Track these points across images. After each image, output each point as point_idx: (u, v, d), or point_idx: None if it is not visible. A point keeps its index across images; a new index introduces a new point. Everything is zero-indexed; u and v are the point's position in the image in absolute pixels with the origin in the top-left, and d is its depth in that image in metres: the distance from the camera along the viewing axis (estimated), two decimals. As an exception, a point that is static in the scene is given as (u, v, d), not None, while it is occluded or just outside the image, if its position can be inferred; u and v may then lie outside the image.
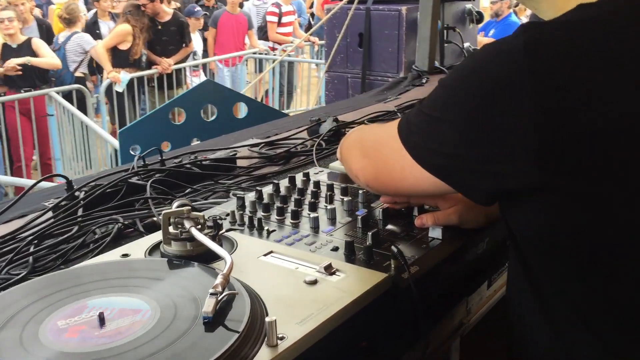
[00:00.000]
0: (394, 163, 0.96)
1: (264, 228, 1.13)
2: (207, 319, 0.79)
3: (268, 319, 0.77)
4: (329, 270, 0.95)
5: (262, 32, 8.76)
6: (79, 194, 1.49)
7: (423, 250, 1.05)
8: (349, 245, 1.02)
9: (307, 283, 0.92)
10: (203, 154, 1.81)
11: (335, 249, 1.05)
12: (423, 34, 3.31)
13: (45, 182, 2.65)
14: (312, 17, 10.56)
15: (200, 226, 1.01)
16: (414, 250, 1.04)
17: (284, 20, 8.48)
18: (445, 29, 3.76)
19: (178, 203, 1.07)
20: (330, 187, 1.30)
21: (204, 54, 7.98)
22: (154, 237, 1.09)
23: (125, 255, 1.02)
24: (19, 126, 5.84)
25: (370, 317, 0.91)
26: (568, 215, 0.78)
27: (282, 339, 0.78)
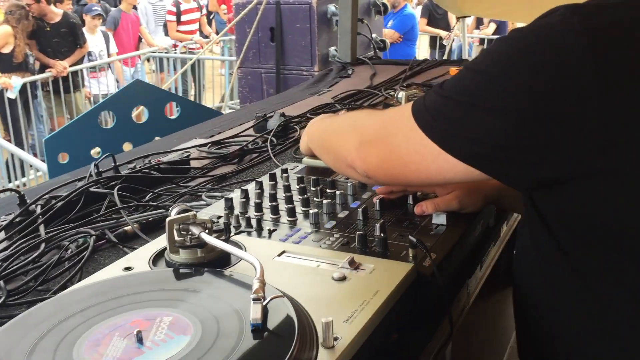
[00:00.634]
0: (411, 152, 0.91)
1: (264, 228, 1.09)
2: (255, 325, 0.75)
3: (324, 319, 0.74)
4: (354, 265, 0.93)
5: (166, 30, 8.57)
6: (34, 208, 1.37)
7: (433, 237, 1.05)
8: (361, 238, 1.01)
9: (336, 280, 0.89)
10: (155, 157, 1.72)
11: (347, 242, 1.03)
12: (344, 26, 3.33)
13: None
14: (206, 10, 10.19)
15: (207, 231, 0.96)
16: (423, 237, 1.04)
17: (184, 18, 8.30)
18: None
19: (178, 209, 1.01)
20: (316, 181, 1.27)
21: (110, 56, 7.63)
22: (149, 247, 1.02)
23: (128, 268, 0.95)
24: None
25: (399, 308, 0.90)
26: (629, 198, 0.76)
27: (337, 339, 0.75)
